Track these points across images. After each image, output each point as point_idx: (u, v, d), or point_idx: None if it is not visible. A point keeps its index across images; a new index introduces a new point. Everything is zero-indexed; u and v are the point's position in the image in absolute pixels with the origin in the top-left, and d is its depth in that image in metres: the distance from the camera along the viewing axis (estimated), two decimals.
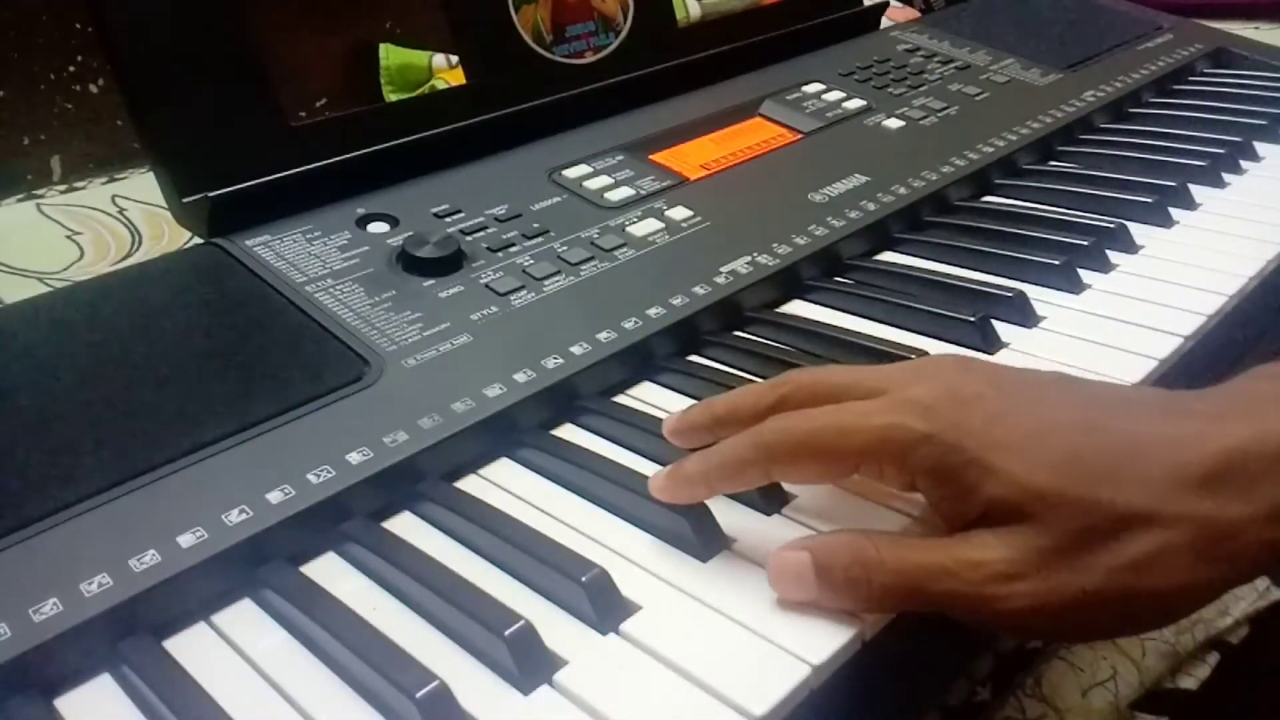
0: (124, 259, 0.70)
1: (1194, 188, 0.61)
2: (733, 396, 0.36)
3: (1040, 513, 0.29)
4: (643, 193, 0.56)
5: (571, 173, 0.57)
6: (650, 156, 0.59)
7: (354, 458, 0.37)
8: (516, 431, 0.41)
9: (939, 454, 0.31)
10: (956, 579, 0.30)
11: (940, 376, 0.33)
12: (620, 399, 0.44)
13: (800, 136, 0.64)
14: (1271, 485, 0.29)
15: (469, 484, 0.39)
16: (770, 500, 0.36)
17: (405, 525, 0.37)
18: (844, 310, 0.51)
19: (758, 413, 0.35)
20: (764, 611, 0.31)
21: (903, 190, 0.59)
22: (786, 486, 0.37)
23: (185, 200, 0.48)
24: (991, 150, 0.64)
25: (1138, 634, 0.30)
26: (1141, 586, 0.29)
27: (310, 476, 0.36)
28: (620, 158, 0.59)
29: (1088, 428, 0.31)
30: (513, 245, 0.50)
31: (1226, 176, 0.64)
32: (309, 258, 0.47)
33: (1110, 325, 0.47)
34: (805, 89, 0.69)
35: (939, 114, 0.68)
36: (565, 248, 0.50)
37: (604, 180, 0.56)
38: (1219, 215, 0.59)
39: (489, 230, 0.51)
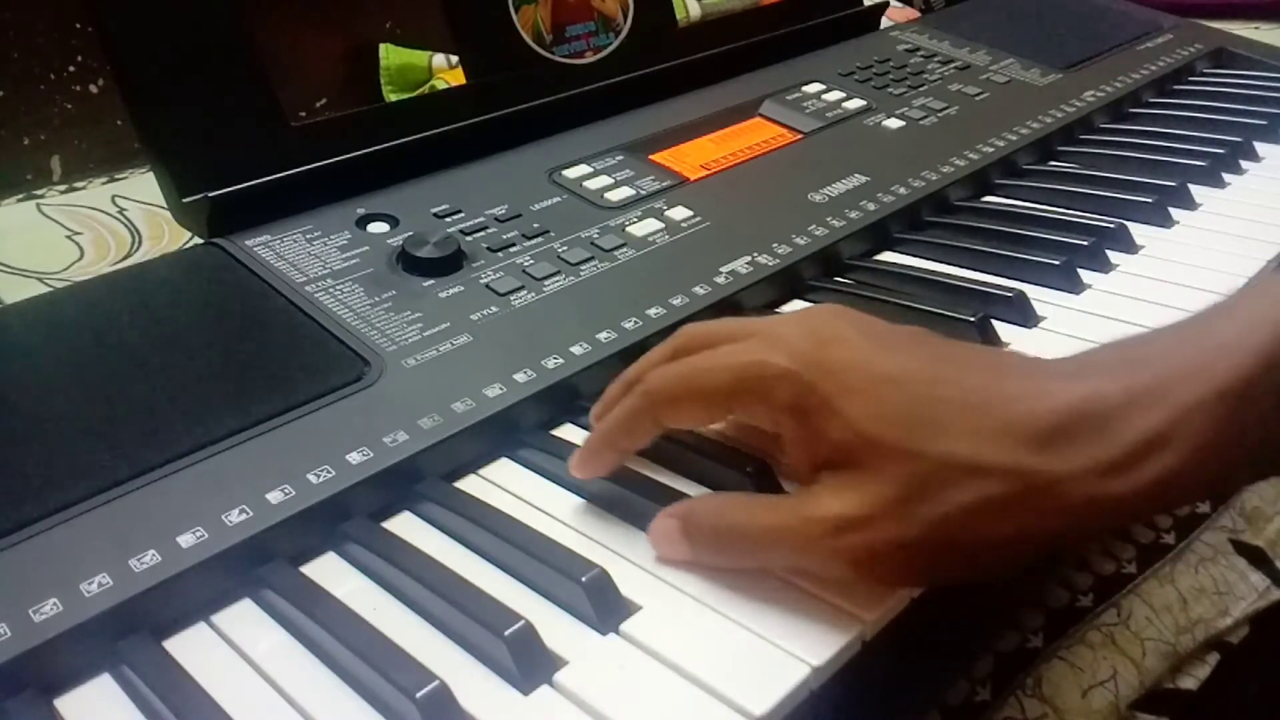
0: (124, 259, 0.70)
1: (1194, 188, 0.61)
2: (638, 362, 0.38)
3: (871, 461, 0.30)
4: (643, 193, 0.56)
5: (571, 173, 0.57)
6: (650, 156, 0.59)
7: (354, 458, 0.37)
8: (516, 431, 0.41)
9: (796, 391, 0.32)
10: (801, 536, 0.31)
11: (809, 320, 0.34)
12: None
13: (800, 136, 0.64)
14: (1097, 443, 0.29)
15: (469, 484, 0.39)
16: None
17: (405, 525, 0.37)
18: None
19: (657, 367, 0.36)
20: (764, 611, 0.31)
21: (903, 190, 0.59)
22: (787, 486, 0.37)
23: (185, 200, 0.48)
24: (991, 150, 0.64)
25: (986, 580, 0.31)
26: (964, 537, 0.29)
27: (310, 476, 0.36)
28: (620, 158, 0.59)
29: (934, 380, 0.31)
30: (513, 245, 0.50)
31: (1226, 176, 0.64)
32: (309, 258, 0.47)
33: (1110, 325, 0.47)
34: (805, 89, 0.69)
35: (939, 114, 0.68)
36: (565, 248, 0.50)
37: (604, 180, 0.56)
38: (1219, 215, 0.59)
39: (489, 230, 0.51)
